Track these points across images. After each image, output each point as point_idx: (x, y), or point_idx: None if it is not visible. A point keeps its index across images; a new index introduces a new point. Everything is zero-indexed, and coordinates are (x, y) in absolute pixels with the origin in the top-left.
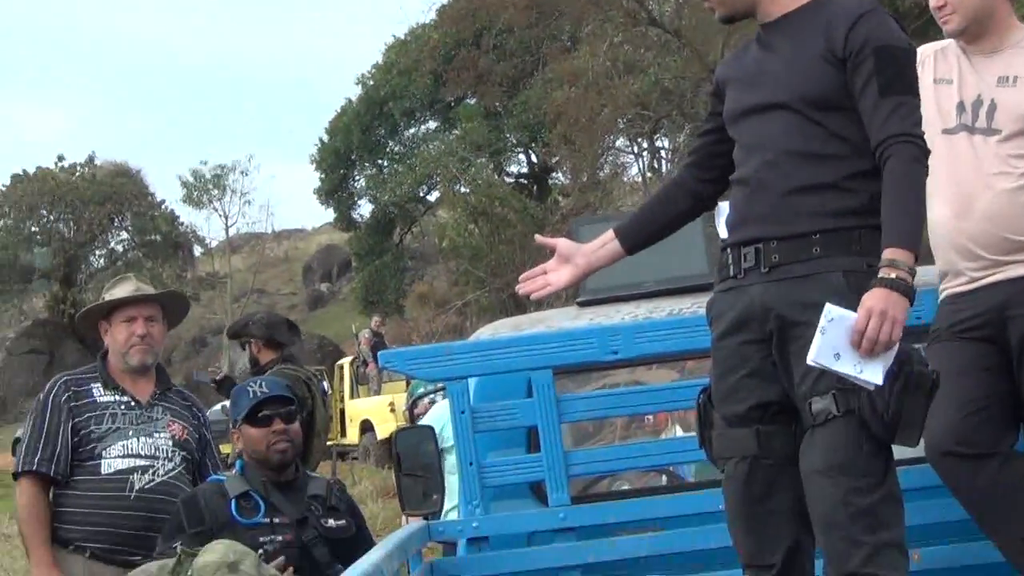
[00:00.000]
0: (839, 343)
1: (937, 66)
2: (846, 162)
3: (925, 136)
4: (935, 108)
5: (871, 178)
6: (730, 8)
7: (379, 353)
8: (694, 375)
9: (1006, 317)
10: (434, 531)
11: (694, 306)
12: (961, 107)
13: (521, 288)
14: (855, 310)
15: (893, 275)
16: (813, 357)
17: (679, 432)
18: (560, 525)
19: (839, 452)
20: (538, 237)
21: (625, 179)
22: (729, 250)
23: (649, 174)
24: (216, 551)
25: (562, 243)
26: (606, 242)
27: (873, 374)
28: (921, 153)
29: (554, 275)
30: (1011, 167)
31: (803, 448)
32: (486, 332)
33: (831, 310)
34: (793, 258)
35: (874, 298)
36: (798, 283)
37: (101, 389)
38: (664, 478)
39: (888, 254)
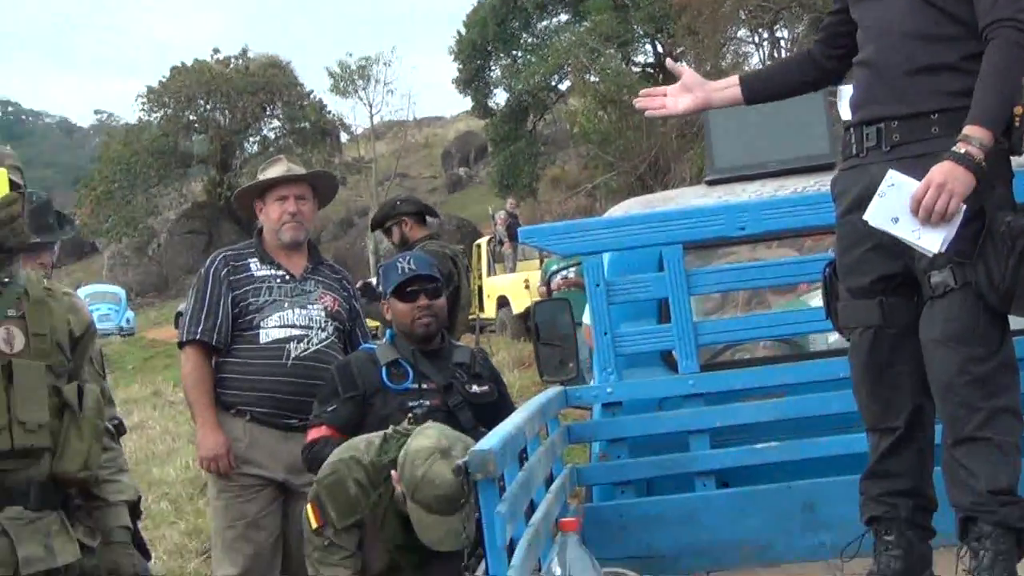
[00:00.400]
0: (898, 208)
1: None
2: (963, 44)
3: None
4: None
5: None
6: None
7: (520, 229)
8: (812, 253)
9: None
10: (571, 396)
11: (817, 185)
12: None
13: (639, 102)
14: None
15: (963, 150)
16: (867, 216)
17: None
18: (689, 391)
19: (956, 322)
20: (668, 61)
21: (746, 68)
22: (852, 130)
23: (769, 63)
24: (429, 436)
25: (688, 72)
26: (729, 85)
27: (931, 242)
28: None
29: (672, 100)
30: None
31: (923, 319)
32: (619, 210)
33: (892, 176)
34: (913, 137)
35: (938, 170)
36: (918, 161)
37: (258, 264)
38: (787, 348)
39: (967, 130)
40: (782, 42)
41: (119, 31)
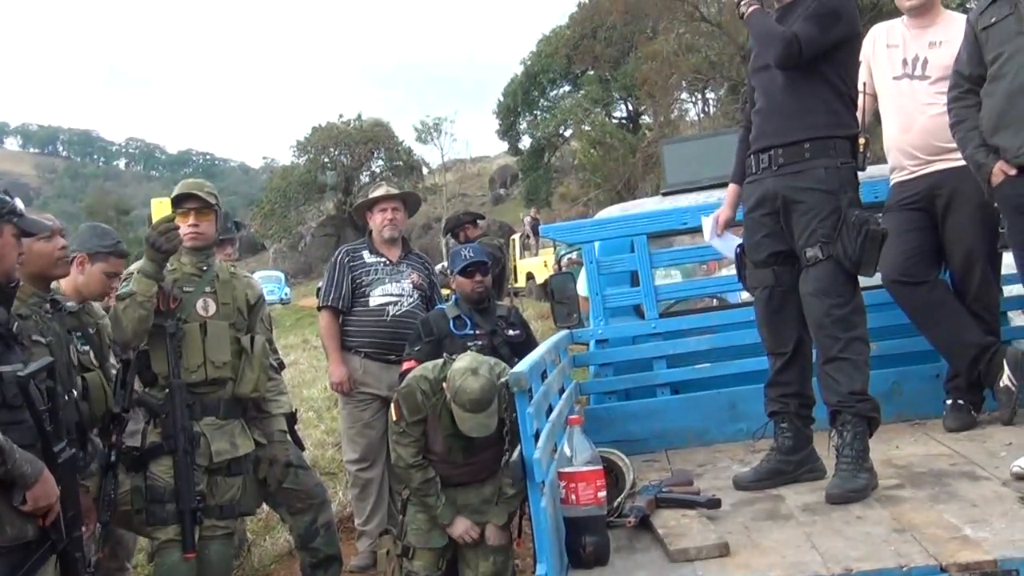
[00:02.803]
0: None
1: (889, 36)
2: (824, 91)
3: (876, 81)
4: (888, 63)
5: (840, 104)
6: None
7: (542, 227)
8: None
9: (934, 195)
10: (575, 336)
11: None
12: (904, 62)
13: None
14: (830, 192)
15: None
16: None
17: (723, 273)
18: (652, 331)
19: (824, 281)
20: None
21: (687, 119)
22: (752, 156)
23: (702, 115)
24: (465, 360)
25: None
26: (734, 192)
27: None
28: (793, 39)
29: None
30: (937, 100)
31: (801, 280)
32: (605, 213)
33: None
34: (792, 159)
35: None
36: (795, 176)
37: (368, 254)
38: (715, 301)
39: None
40: (711, 100)
41: (280, 98)
